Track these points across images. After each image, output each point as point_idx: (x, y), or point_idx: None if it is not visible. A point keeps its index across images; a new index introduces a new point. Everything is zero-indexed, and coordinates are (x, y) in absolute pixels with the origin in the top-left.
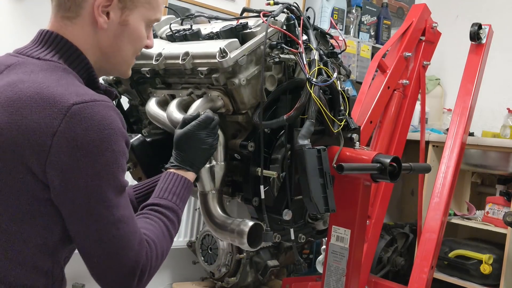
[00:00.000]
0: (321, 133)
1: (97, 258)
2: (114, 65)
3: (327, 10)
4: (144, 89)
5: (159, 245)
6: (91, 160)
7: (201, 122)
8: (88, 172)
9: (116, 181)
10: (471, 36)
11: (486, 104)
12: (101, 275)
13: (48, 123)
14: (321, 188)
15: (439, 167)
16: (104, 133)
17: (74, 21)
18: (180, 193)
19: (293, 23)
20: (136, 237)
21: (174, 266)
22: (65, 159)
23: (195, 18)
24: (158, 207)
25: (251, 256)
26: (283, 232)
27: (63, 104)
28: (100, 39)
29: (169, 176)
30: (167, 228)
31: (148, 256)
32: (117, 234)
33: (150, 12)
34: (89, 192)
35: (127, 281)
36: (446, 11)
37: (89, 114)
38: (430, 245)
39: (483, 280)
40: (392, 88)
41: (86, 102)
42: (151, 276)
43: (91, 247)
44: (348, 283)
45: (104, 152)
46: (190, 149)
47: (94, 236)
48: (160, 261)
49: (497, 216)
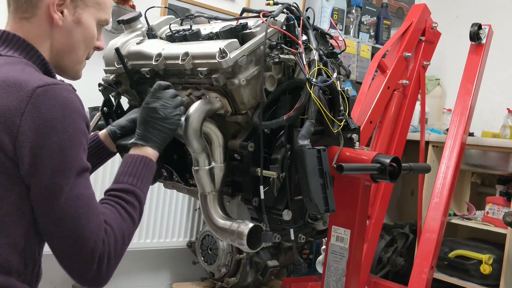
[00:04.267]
0: (321, 133)
1: (57, 239)
2: (67, 64)
3: (327, 10)
4: (144, 90)
5: (117, 228)
6: (55, 137)
7: (152, 92)
8: (53, 148)
9: (78, 159)
10: (471, 36)
11: (486, 104)
12: (63, 258)
13: (16, 105)
14: (321, 188)
15: (439, 167)
16: (66, 112)
17: (31, 20)
18: (137, 173)
19: (292, 23)
20: (95, 218)
21: (174, 266)
22: (32, 136)
23: (194, 18)
24: (113, 192)
25: (251, 256)
26: (283, 232)
27: (28, 88)
28: (55, 36)
29: (125, 159)
30: (125, 210)
31: (105, 241)
32: (76, 213)
33: (100, 12)
34: (53, 169)
35: (87, 264)
36: (446, 11)
37: (52, 95)
38: (430, 245)
39: (483, 280)
40: (392, 88)
41: (49, 84)
42: (113, 260)
43: (51, 226)
44: (348, 283)
45: (67, 129)
46: (146, 124)
47: (54, 214)
48: (121, 244)
49: (497, 216)
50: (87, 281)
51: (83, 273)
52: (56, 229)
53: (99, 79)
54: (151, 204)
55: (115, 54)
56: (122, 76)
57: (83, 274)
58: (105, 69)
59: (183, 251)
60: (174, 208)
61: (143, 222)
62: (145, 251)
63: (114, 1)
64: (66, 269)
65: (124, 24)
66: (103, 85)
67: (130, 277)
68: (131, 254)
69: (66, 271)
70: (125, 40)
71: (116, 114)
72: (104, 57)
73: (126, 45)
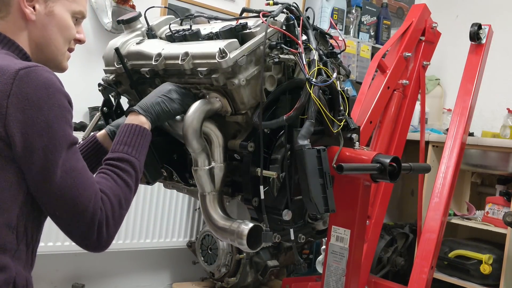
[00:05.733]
0: (321, 133)
1: (59, 211)
2: (48, 57)
3: (327, 10)
4: (144, 90)
5: (112, 195)
6: (42, 116)
7: None
8: (42, 126)
9: (66, 135)
10: (471, 36)
11: (486, 104)
12: (66, 227)
13: (2, 89)
14: (321, 188)
15: (439, 167)
16: (50, 91)
17: (6, 19)
18: (132, 142)
19: (292, 23)
20: (90, 188)
21: (174, 266)
22: (20, 117)
23: (194, 18)
24: (109, 161)
25: (251, 256)
26: (283, 232)
27: (11, 71)
28: (31, 31)
29: (120, 128)
30: (120, 177)
31: (102, 208)
32: (73, 184)
33: (73, 4)
34: (44, 147)
35: (89, 230)
36: (446, 11)
37: (35, 76)
38: (430, 245)
39: (483, 280)
40: (392, 88)
41: (30, 67)
42: (112, 226)
43: (52, 201)
44: (348, 283)
45: (52, 107)
46: (151, 97)
47: (52, 189)
48: (119, 210)
49: (497, 216)
50: (89, 246)
51: (85, 238)
52: (57, 203)
53: (99, 79)
54: (151, 204)
55: (115, 54)
56: (122, 76)
57: (85, 239)
58: (105, 69)
59: (183, 251)
60: (174, 208)
61: (143, 222)
62: (145, 251)
63: (114, 1)
64: (70, 237)
65: (124, 24)
66: (103, 85)
67: (130, 277)
68: (131, 254)
69: (71, 238)
70: (125, 40)
71: (116, 114)
72: (104, 57)
73: (126, 45)
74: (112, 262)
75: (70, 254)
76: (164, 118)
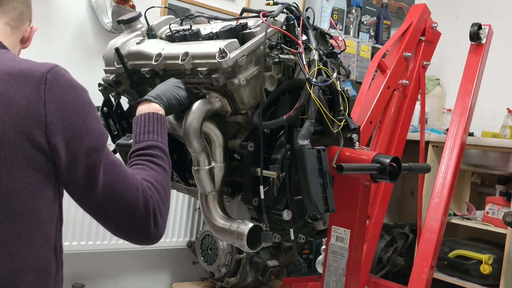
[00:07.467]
0: (321, 133)
1: (111, 209)
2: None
3: (327, 10)
4: (144, 90)
5: (155, 182)
6: (79, 117)
7: None
8: (80, 129)
9: (101, 132)
10: (471, 36)
11: (486, 104)
12: (122, 225)
13: (35, 96)
14: (321, 188)
15: (439, 167)
16: (77, 91)
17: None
18: (153, 129)
19: (292, 23)
20: (133, 179)
21: (174, 266)
22: (60, 123)
23: (194, 18)
24: (137, 151)
25: (251, 256)
26: (283, 232)
27: (37, 75)
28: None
29: (135, 120)
30: (155, 163)
31: (151, 196)
32: (117, 178)
33: None
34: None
35: (145, 223)
36: (446, 11)
37: (61, 78)
38: (430, 245)
39: (483, 280)
40: (392, 88)
41: (52, 68)
42: (164, 212)
43: (100, 202)
44: (348, 283)
45: (83, 107)
46: (159, 86)
47: (99, 188)
48: (165, 195)
49: (497, 216)
50: (148, 239)
51: (144, 230)
52: (107, 202)
53: (99, 79)
54: None
55: (115, 54)
56: (122, 76)
57: (145, 230)
58: (105, 69)
59: (183, 251)
60: (174, 208)
61: None
62: (145, 251)
63: (114, 1)
64: (127, 234)
65: (124, 24)
66: (103, 85)
67: (130, 277)
68: (131, 254)
69: (128, 236)
70: (125, 40)
71: (116, 114)
72: (104, 57)
73: (126, 45)
74: (112, 262)
75: (70, 254)
76: (174, 105)
